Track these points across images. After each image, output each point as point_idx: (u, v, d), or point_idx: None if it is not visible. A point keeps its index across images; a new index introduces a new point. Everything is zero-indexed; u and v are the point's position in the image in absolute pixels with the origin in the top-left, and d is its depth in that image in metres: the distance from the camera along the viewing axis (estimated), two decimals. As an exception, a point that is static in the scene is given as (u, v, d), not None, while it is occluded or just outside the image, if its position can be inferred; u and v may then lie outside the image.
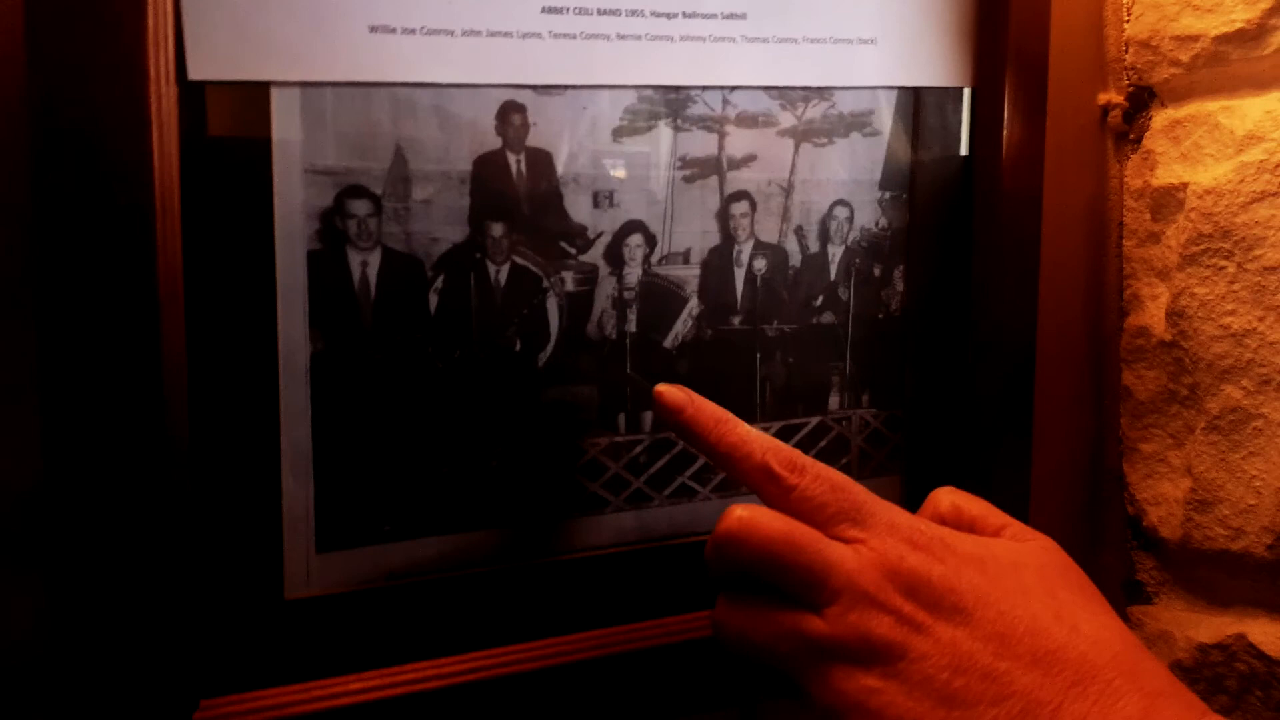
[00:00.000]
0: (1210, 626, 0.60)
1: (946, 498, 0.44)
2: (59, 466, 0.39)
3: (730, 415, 0.42)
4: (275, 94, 0.41)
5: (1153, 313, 0.61)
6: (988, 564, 0.39)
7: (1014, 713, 0.35)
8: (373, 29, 0.42)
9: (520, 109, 0.46)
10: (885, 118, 0.54)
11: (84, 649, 0.40)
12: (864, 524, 0.39)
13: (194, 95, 0.40)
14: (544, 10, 0.45)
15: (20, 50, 0.38)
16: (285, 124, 0.42)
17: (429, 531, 0.47)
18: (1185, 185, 0.58)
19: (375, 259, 0.44)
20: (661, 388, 0.42)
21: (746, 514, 0.38)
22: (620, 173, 0.48)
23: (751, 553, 0.38)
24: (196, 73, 0.40)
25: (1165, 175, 0.60)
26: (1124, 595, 0.65)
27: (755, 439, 0.41)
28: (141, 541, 0.40)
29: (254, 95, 0.41)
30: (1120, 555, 0.66)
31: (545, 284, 0.48)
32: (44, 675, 0.42)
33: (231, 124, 0.41)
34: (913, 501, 0.43)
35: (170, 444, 0.40)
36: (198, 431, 0.41)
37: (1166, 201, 0.60)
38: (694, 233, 0.50)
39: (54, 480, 0.39)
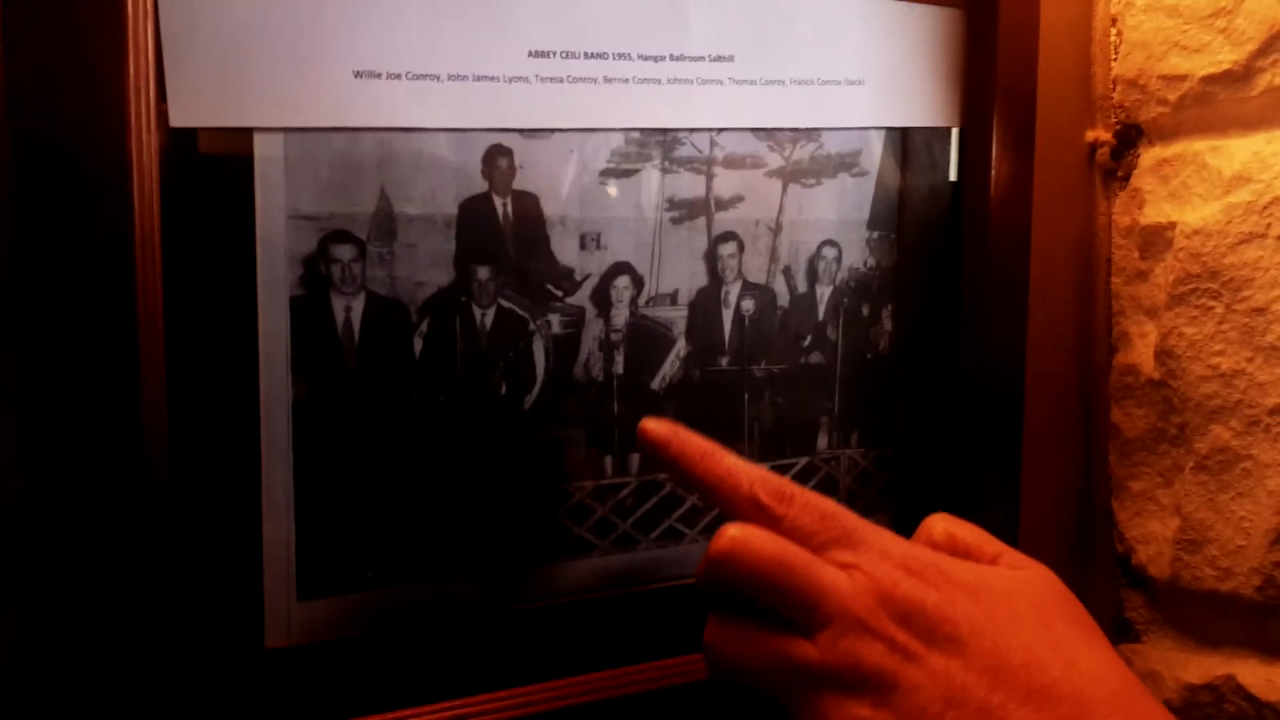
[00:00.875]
0: (1199, 667, 0.60)
1: (940, 525, 0.43)
2: (37, 506, 0.39)
3: (717, 447, 0.41)
4: (258, 139, 0.41)
5: (1141, 351, 0.61)
6: (983, 592, 0.38)
7: None
8: (357, 74, 0.42)
9: (507, 152, 0.45)
10: (873, 158, 0.54)
11: (62, 701, 0.39)
12: (856, 549, 0.38)
13: (176, 142, 0.40)
14: (530, 54, 0.45)
15: (0, 99, 0.38)
16: (268, 169, 0.41)
17: (412, 578, 0.46)
18: (1173, 224, 0.58)
19: (359, 304, 0.44)
20: (647, 422, 0.42)
21: (740, 533, 0.37)
22: (607, 214, 0.48)
23: (744, 573, 0.37)
24: (179, 120, 0.39)
25: (1153, 214, 0.60)
26: (1113, 632, 0.65)
27: (743, 470, 0.40)
28: (119, 589, 0.39)
29: (237, 141, 0.41)
30: (1109, 592, 0.65)
31: (531, 327, 0.47)
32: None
33: (214, 170, 0.41)
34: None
35: (150, 490, 0.40)
36: (177, 477, 0.41)
37: (1155, 240, 0.60)
38: (682, 274, 0.50)
39: (32, 520, 0.39)
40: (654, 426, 0.42)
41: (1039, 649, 0.36)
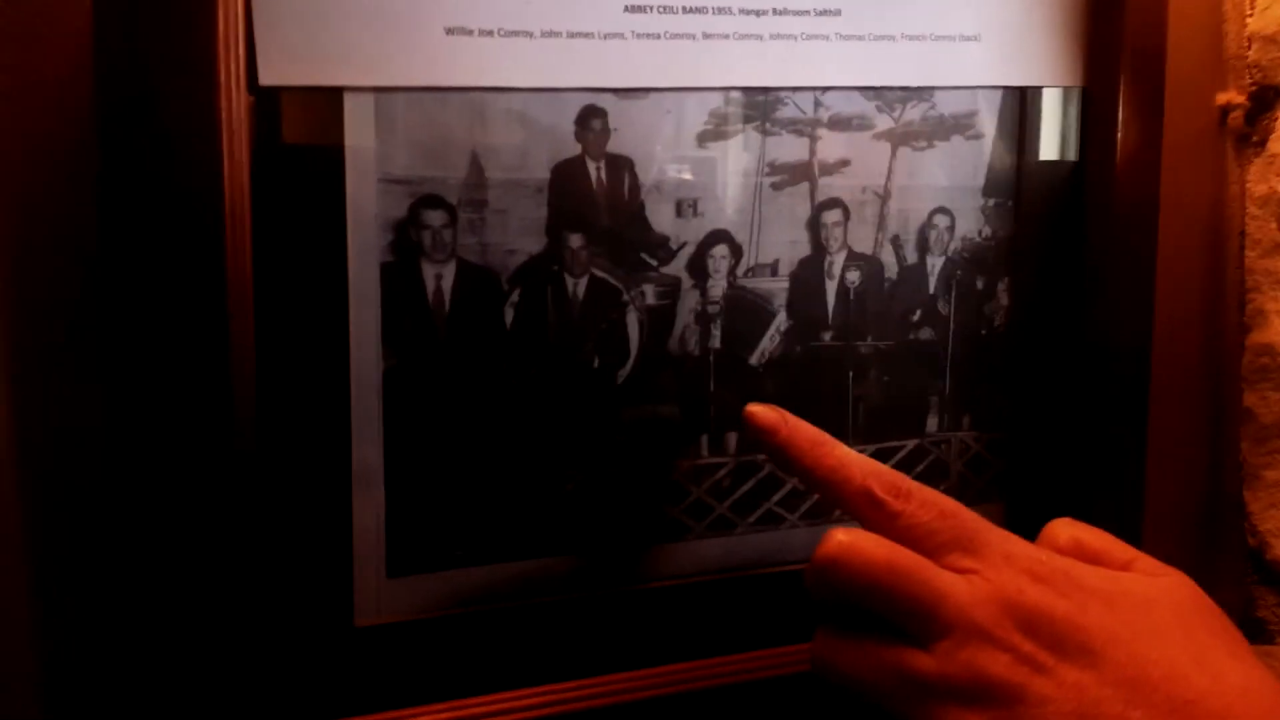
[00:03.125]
0: (1345, 672, 0.55)
1: (1065, 530, 0.40)
2: (125, 483, 0.39)
3: (828, 437, 0.39)
4: (348, 100, 0.40)
5: (1279, 329, 0.57)
6: (1117, 601, 0.35)
7: None
8: (449, 31, 0.40)
9: (601, 114, 0.43)
10: (989, 119, 0.50)
11: (149, 674, 0.39)
12: (978, 553, 0.36)
13: (266, 102, 0.39)
14: (627, 9, 0.43)
15: (89, 58, 0.37)
16: (358, 131, 0.40)
17: (503, 557, 0.45)
18: (1318, 191, 0.54)
19: (450, 272, 0.42)
20: (753, 407, 0.40)
21: (848, 538, 0.35)
22: (705, 179, 0.46)
23: (853, 580, 0.35)
24: (268, 78, 0.38)
25: (1295, 180, 0.55)
26: (1243, 633, 0.61)
27: (855, 461, 0.38)
28: (208, 566, 0.39)
29: (326, 101, 0.40)
30: (1238, 589, 0.61)
31: (625, 298, 0.45)
32: (112, 698, 0.41)
33: (304, 131, 0.40)
34: (1016, 530, 0.40)
35: (239, 464, 0.39)
36: (266, 451, 0.40)
37: (1296, 209, 0.55)
38: (783, 243, 0.48)
39: (120, 496, 0.38)
40: (761, 412, 0.39)
41: (1182, 662, 0.33)
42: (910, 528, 0.36)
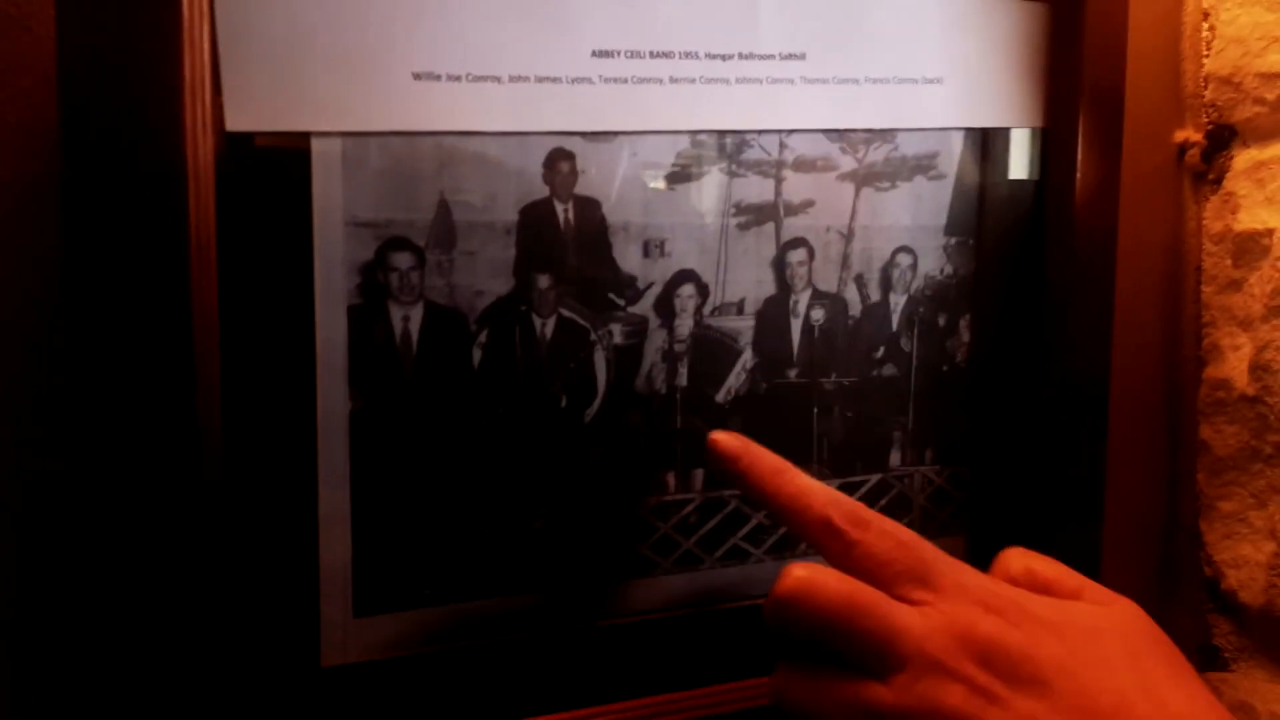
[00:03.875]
0: (1297, 700, 0.56)
1: (1018, 560, 0.41)
2: (90, 521, 0.38)
3: (790, 465, 0.40)
4: (315, 144, 0.40)
5: (1234, 364, 0.58)
6: (1067, 631, 0.36)
7: None
8: (416, 76, 0.40)
9: (569, 156, 0.44)
10: (952, 160, 0.51)
11: (115, 713, 0.38)
12: (933, 585, 0.36)
13: (232, 146, 0.39)
14: (594, 54, 0.43)
15: (54, 104, 0.37)
16: (325, 175, 0.40)
17: (471, 595, 0.45)
18: (1271, 231, 0.55)
19: (417, 313, 0.42)
20: (717, 435, 0.40)
21: (805, 574, 0.36)
22: (672, 220, 0.46)
23: (811, 616, 0.36)
24: (235, 123, 0.38)
25: (1248, 220, 0.56)
26: (1198, 660, 0.62)
27: (816, 490, 0.38)
28: (172, 604, 0.38)
29: (293, 146, 0.40)
30: (1195, 618, 0.62)
31: (593, 337, 0.46)
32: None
33: (270, 175, 0.40)
34: (978, 562, 0.41)
35: (205, 502, 0.39)
36: (233, 490, 0.39)
37: (1250, 248, 0.56)
38: (749, 282, 0.48)
39: (85, 535, 0.38)
40: (725, 439, 0.40)
41: (1129, 690, 0.34)
42: (866, 556, 0.37)
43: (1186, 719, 0.34)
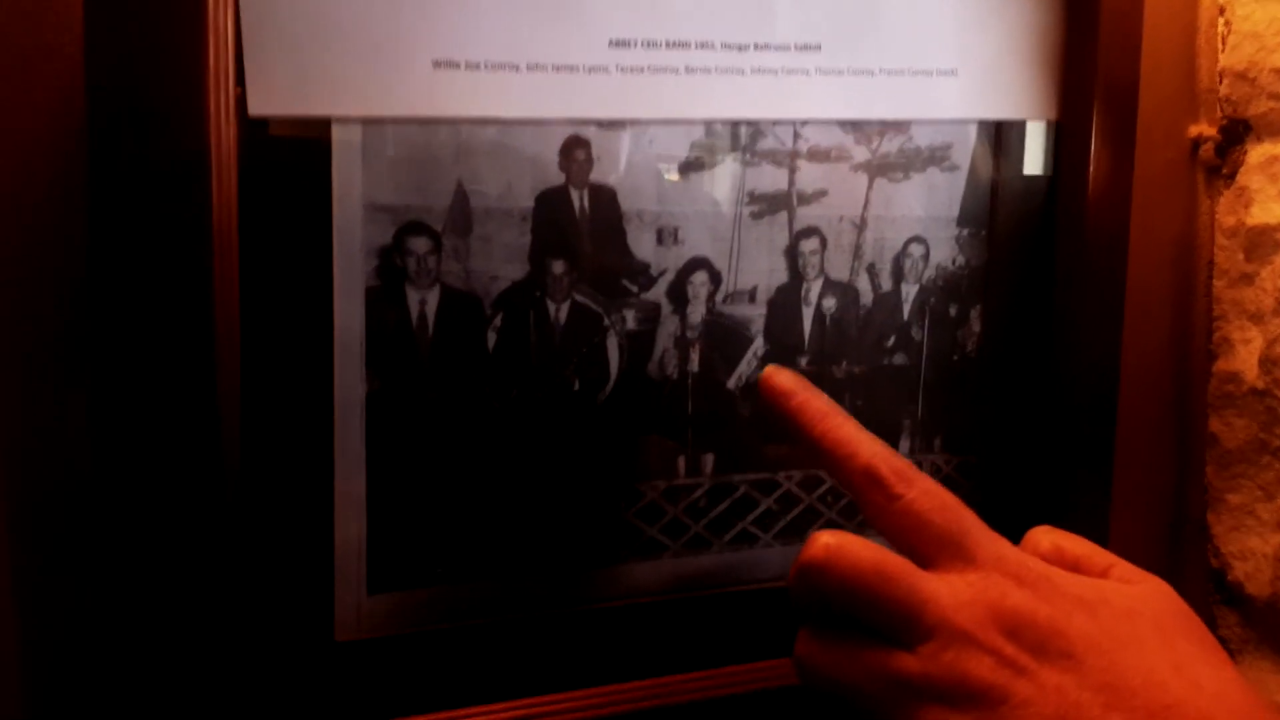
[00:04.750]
0: (1301, 692, 0.57)
1: (1046, 537, 0.41)
2: (111, 501, 0.39)
3: (840, 410, 0.39)
4: (336, 129, 0.41)
5: (1244, 358, 0.58)
6: (1099, 608, 0.35)
7: None
8: (436, 64, 0.41)
9: (584, 144, 0.44)
10: (964, 151, 0.51)
11: (134, 688, 0.39)
12: (968, 553, 0.36)
13: (254, 131, 0.39)
14: (611, 44, 0.43)
15: (80, 88, 0.38)
16: (345, 160, 0.41)
17: (483, 575, 0.46)
18: (1284, 225, 0.55)
19: (434, 297, 0.43)
20: (771, 370, 0.40)
21: (834, 541, 0.35)
22: (685, 209, 0.47)
23: (839, 583, 0.35)
24: (257, 108, 0.39)
25: (1261, 214, 0.57)
26: (1206, 651, 0.62)
27: (865, 439, 0.38)
28: (190, 580, 0.39)
29: (314, 130, 0.40)
30: (1201, 609, 0.62)
31: (606, 323, 0.46)
32: (97, 712, 0.41)
33: (291, 160, 0.40)
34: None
35: (223, 482, 0.39)
36: (250, 469, 0.40)
37: (1262, 242, 0.56)
38: (761, 270, 0.49)
39: (106, 514, 0.39)
40: (779, 376, 0.40)
41: (1160, 668, 0.34)
42: (907, 514, 0.36)
43: (1219, 698, 0.33)
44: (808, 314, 0.50)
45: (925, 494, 0.37)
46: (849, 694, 0.35)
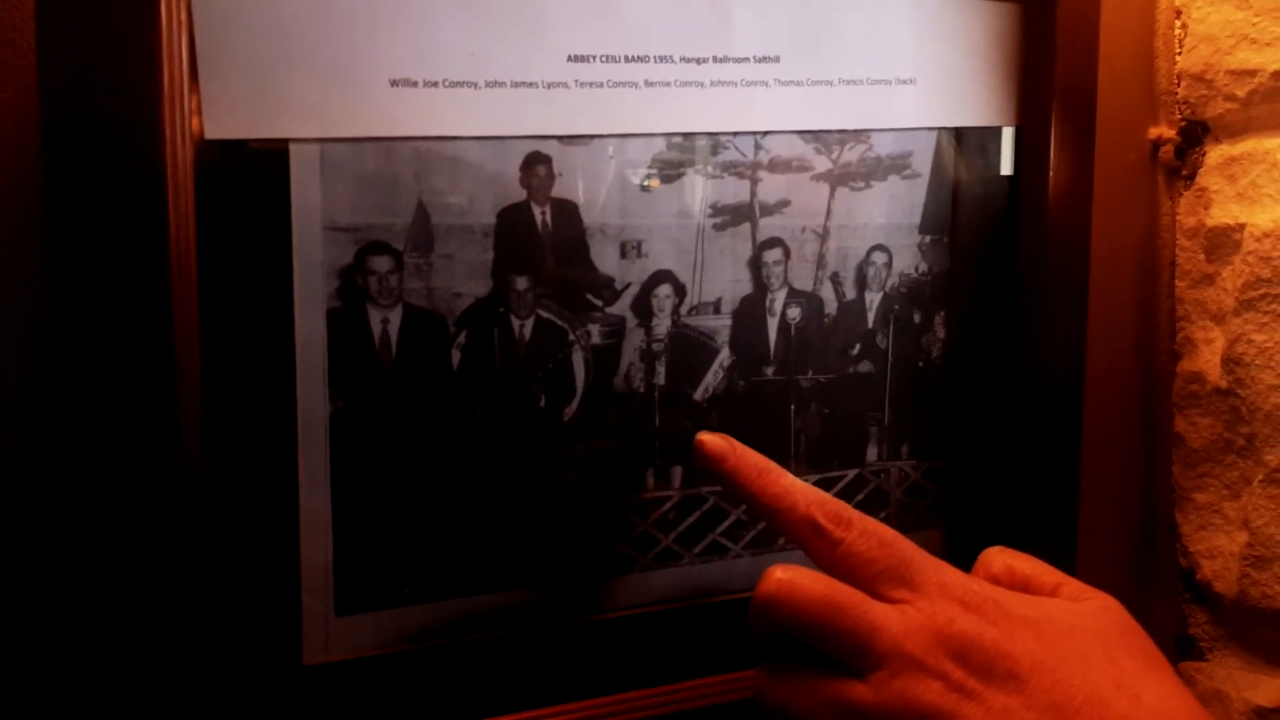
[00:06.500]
0: (1269, 688, 0.57)
1: (999, 558, 0.42)
2: (71, 525, 0.38)
3: (774, 465, 0.40)
4: (294, 151, 0.40)
5: (1207, 358, 0.58)
6: (1044, 627, 0.37)
7: None
8: (393, 83, 0.41)
9: (545, 160, 0.44)
10: (925, 159, 0.52)
11: (98, 712, 0.39)
12: (913, 583, 0.37)
13: (211, 154, 0.39)
14: (570, 59, 0.43)
15: (34, 108, 0.38)
16: (304, 181, 0.41)
17: (451, 593, 0.45)
18: (1242, 226, 0.55)
19: (396, 316, 0.43)
20: (704, 436, 0.41)
21: (786, 576, 0.37)
22: (648, 222, 0.47)
23: (792, 616, 0.36)
24: (214, 131, 0.39)
25: (1221, 215, 0.57)
26: (1175, 650, 0.63)
27: (800, 490, 0.39)
28: (155, 604, 0.39)
29: (271, 152, 0.40)
30: (1171, 608, 0.63)
31: (571, 337, 0.46)
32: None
33: (249, 182, 0.40)
34: (954, 555, 0.42)
35: (187, 506, 0.39)
36: (214, 493, 0.40)
37: (1222, 242, 0.57)
38: (725, 282, 0.49)
39: (66, 538, 0.39)
40: (711, 440, 0.41)
41: (1103, 685, 0.35)
42: (850, 555, 0.38)
43: (1160, 713, 0.35)
44: (773, 324, 0.50)
45: (863, 534, 0.38)
46: None
